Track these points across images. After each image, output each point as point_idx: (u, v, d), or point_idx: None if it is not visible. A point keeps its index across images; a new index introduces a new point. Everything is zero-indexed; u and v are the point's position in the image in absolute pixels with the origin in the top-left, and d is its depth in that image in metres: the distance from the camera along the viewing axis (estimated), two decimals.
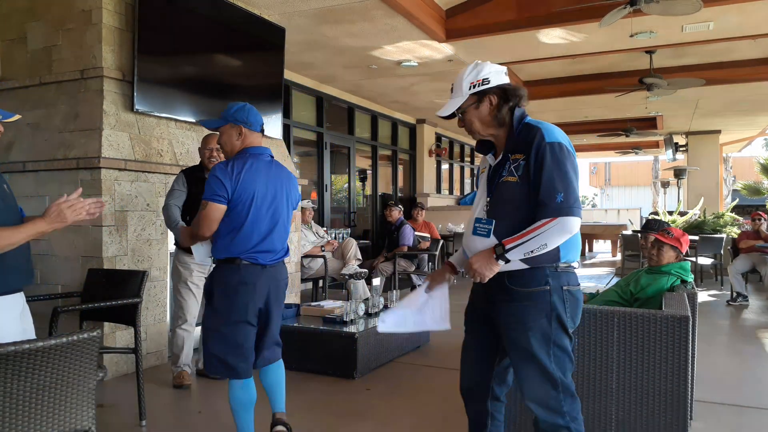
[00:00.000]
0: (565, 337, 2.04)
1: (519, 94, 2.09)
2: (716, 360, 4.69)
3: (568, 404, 2.05)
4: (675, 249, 3.56)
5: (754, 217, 7.65)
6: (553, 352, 2.02)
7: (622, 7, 4.93)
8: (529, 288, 2.01)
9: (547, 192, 1.93)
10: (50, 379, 1.76)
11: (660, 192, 19.37)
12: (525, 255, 1.96)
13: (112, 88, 4.32)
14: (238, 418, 2.73)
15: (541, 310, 2.01)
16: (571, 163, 1.97)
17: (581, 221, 1.97)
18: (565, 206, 1.91)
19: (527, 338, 2.02)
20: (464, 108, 2.12)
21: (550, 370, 2.02)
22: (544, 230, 1.92)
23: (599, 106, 10.83)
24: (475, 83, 2.07)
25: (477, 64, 2.11)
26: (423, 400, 3.70)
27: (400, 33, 6.29)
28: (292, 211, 2.95)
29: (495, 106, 2.08)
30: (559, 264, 2.03)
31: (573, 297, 2.05)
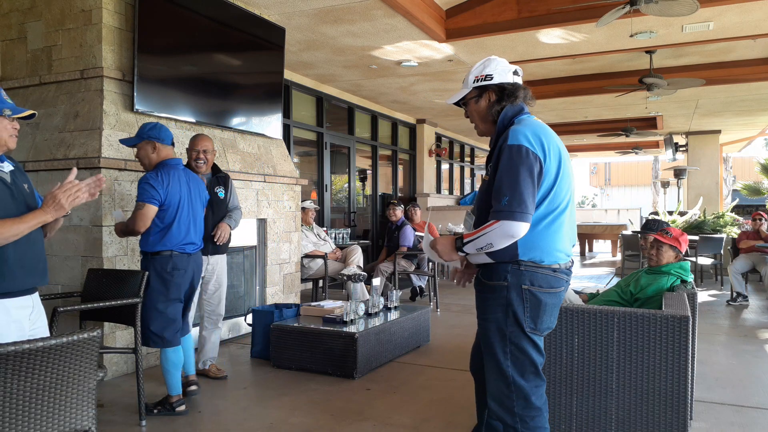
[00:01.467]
0: (523, 338, 2.06)
1: (516, 94, 2.13)
2: (716, 360, 4.70)
3: (520, 407, 2.06)
4: (674, 249, 3.56)
5: (754, 217, 7.65)
6: (510, 350, 2.06)
7: (621, 7, 4.93)
8: (491, 281, 2.09)
9: (496, 194, 1.99)
10: (50, 379, 1.76)
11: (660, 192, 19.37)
12: (477, 251, 2.04)
13: (112, 88, 4.32)
14: (170, 376, 3.38)
15: (498, 305, 2.07)
16: (528, 168, 1.97)
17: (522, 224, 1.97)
18: (508, 210, 1.95)
19: (487, 329, 2.11)
20: (467, 100, 2.20)
21: (504, 366, 2.07)
22: (488, 231, 1.99)
23: (599, 106, 10.83)
24: (479, 77, 2.15)
25: (488, 60, 2.16)
26: (423, 400, 3.70)
27: (400, 33, 6.29)
28: (204, 208, 3.67)
29: (491, 103, 2.14)
30: (523, 262, 2.05)
31: (535, 298, 2.05)
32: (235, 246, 5.22)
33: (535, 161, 1.99)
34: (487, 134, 2.22)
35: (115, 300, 3.19)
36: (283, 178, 5.78)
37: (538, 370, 2.09)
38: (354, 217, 9.80)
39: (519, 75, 2.19)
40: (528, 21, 6.09)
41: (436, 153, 12.29)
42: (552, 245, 2.07)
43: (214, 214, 4.04)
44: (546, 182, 2.04)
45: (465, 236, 2.06)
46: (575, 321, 2.67)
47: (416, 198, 11.41)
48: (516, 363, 2.06)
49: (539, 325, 2.07)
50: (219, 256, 4.10)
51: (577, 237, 14.95)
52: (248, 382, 4.11)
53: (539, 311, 2.06)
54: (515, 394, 2.06)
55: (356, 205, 10.03)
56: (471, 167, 15.10)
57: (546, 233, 2.06)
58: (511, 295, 2.04)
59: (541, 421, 2.09)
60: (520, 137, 2.01)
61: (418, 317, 4.93)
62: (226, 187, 4.15)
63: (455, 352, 4.85)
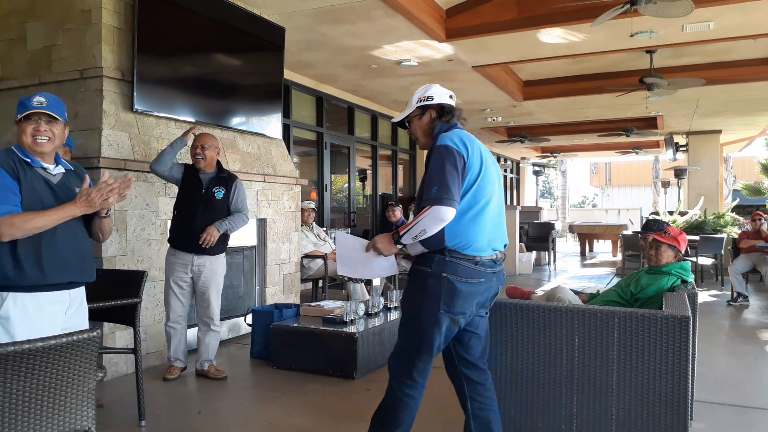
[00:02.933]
0: (432, 319, 2.33)
1: (453, 113, 2.47)
2: (716, 360, 4.69)
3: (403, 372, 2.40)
4: (673, 248, 3.55)
5: (754, 217, 7.65)
6: (411, 328, 2.38)
7: (620, 7, 4.93)
8: (420, 266, 2.37)
9: (427, 186, 2.28)
10: (50, 379, 1.76)
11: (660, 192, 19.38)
12: (413, 239, 2.30)
13: (111, 88, 4.32)
14: None
15: (421, 288, 2.36)
16: (452, 162, 2.27)
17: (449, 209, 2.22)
18: (437, 197, 2.22)
19: (404, 305, 2.44)
20: (411, 118, 2.52)
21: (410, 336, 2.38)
22: (422, 218, 2.23)
23: (599, 106, 10.82)
24: (422, 98, 2.49)
25: (429, 86, 2.54)
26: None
27: (400, 33, 6.28)
28: None
29: (432, 119, 2.48)
30: (448, 252, 2.31)
31: (452, 285, 2.30)
32: (235, 246, 5.22)
33: (458, 157, 2.29)
34: (427, 147, 2.50)
35: (115, 300, 3.18)
36: (283, 178, 5.78)
37: (432, 351, 2.37)
38: (354, 217, 9.80)
39: (453, 98, 2.55)
40: (528, 21, 6.08)
41: None
42: (474, 237, 2.33)
43: (205, 213, 3.96)
44: (469, 177, 2.32)
45: (400, 229, 2.32)
46: (575, 321, 2.66)
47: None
48: (408, 340, 2.39)
49: (452, 308, 2.32)
50: (207, 257, 4.02)
51: (578, 237, 15.03)
52: (248, 382, 4.11)
53: (454, 297, 2.31)
54: (405, 361, 2.39)
55: (356, 205, 10.02)
56: None
57: (470, 225, 2.32)
58: (432, 279, 2.31)
59: (415, 391, 2.42)
60: (446, 140, 2.33)
61: None
62: (227, 188, 4.07)
63: None
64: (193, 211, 3.97)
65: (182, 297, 4.08)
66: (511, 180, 19.19)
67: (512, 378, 2.79)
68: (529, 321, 2.74)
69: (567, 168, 26.32)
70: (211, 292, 4.07)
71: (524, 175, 20.99)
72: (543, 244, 11.76)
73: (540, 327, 2.72)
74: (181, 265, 4.03)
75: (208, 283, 4.05)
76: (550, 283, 9.55)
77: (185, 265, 4.02)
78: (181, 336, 4.13)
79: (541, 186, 30.05)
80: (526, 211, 14.06)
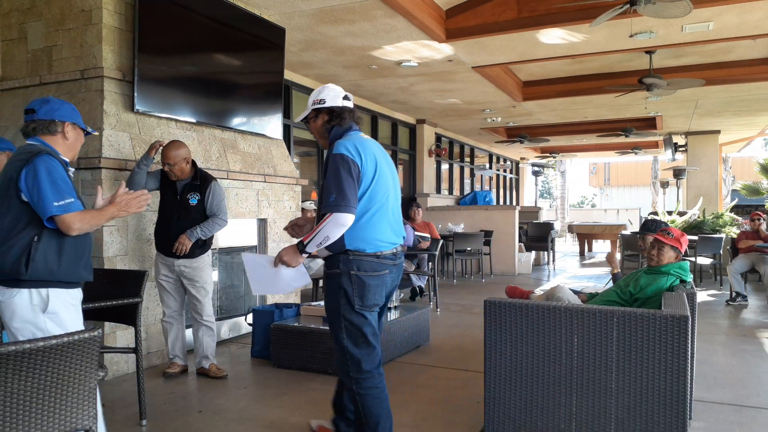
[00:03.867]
0: (354, 314, 2.52)
1: (343, 116, 2.62)
2: (715, 359, 4.70)
3: (354, 371, 2.54)
4: (675, 249, 3.57)
5: (753, 217, 7.65)
6: (344, 325, 2.53)
7: (619, 7, 4.94)
8: (330, 270, 2.56)
9: (326, 191, 2.43)
10: (51, 379, 1.76)
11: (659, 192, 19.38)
12: (317, 247, 2.45)
13: (112, 88, 4.32)
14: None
15: (335, 289, 2.54)
16: (347, 170, 2.44)
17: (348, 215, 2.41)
18: (335, 204, 2.39)
19: (329, 310, 2.59)
20: (308, 119, 2.68)
21: (340, 338, 2.54)
22: (324, 225, 2.41)
23: (599, 106, 10.83)
24: (316, 101, 2.65)
25: (324, 87, 2.68)
26: (423, 399, 3.71)
27: (400, 33, 6.29)
28: None
29: (324, 122, 2.63)
30: (350, 252, 2.51)
31: (360, 281, 2.52)
32: (236, 246, 5.23)
33: (353, 165, 2.45)
34: (326, 147, 2.67)
35: (115, 300, 3.19)
36: (283, 178, 5.78)
37: (368, 339, 2.54)
38: None
39: (349, 99, 2.68)
40: (528, 21, 6.09)
41: (435, 153, 12.29)
42: (373, 236, 2.53)
43: (180, 220, 3.97)
44: (364, 182, 2.50)
45: (304, 239, 2.47)
46: (575, 321, 2.67)
47: (416, 198, 11.41)
48: (349, 335, 2.53)
49: (365, 302, 2.53)
50: (187, 260, 4.04)
51: (577, 237, 15.04)
52: (248, 381, 4.11)
53: (365, 291, 2.52)
54: (350, 361, 2.53)
55: None
56: (471, 167, 15.10)
57: (367, 226, 2.51)
58: (343, 279, 2.51)
59: (372, 381, 2.55)
60: (341, 148, 2.49)
61: (418, 317, 4.94)
62: (201, 193, 4.02)
63: (455, 352, 4.85)
64: (169, 217, 4.03)
65: (174, 293, 4.13)
66: (510, 180, 19.21)
67: (512, 377, 2.80)
68: (528, 321, 2.75)
69: (566, 168, 26.33)
70: (198, 290, 4.10)
71: (523, 176, 21.01)
72: (542, 244, 11.77)
73: (539, 327, 2.73)
74: (165, 266, 4.10)
75: (193, 282, 4.09)
76: (550, 282, 9.56)
77: (168, 267, 4.08)
78: (177, 331, 4.16)
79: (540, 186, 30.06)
80: (526, 212, 14.07)
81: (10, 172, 2.31)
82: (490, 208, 11.14)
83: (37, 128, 2.42)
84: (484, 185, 16.32)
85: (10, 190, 2.29)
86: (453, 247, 9.28)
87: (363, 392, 2.54)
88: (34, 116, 2.43)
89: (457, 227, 10.05)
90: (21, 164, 2.29)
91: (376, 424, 2.56)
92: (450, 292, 8.17)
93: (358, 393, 2.54)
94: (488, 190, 15.06)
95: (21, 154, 2.36)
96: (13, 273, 2.23)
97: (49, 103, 2.46)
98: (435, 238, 7.74)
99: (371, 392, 2.55)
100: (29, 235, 2.26)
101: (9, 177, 2.30)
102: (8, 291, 2.26)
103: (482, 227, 10.37)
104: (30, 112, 2.44)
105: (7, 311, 2.27)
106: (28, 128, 2.44)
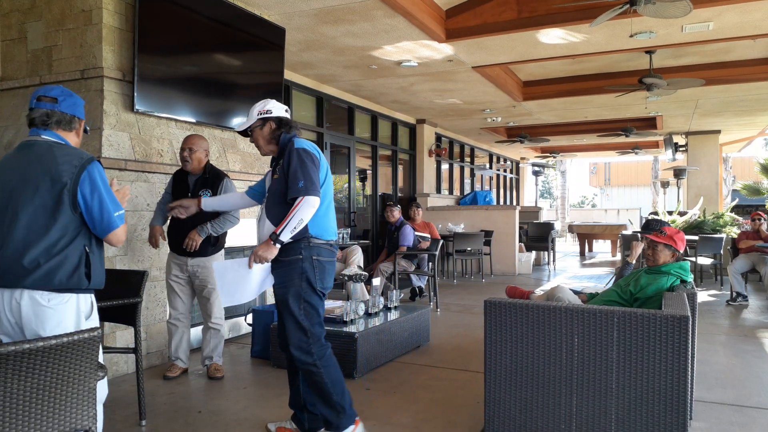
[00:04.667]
0: (314, 296, 2.82)
1: (291, 124, 2.94)
2: (716, 360, 4.70)
3: (315, 348, 2.80)
4: (670, 248, 3.56)
5: (753, 217, 7.65)
6: (304, 307, 2.78)
7: (619, 7, 4.94)
8: (289, 257, 2.77)
9: (293, 181, 2.73)
10: (50, 379, 1.76)
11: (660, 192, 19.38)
12: (292, 232, 2.70)
13: (112, 88, 4.32)
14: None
15: (296, 274, 2.78)
16: (311, 161, 2.77)
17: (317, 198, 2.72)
18: (305, 188, 2.69)
19: (285, 294, 2.79)
20: (253, 128, 2.95)
21: (301, 320, 2.78)
22: (297, 210, 2.67)
23: (599, 106, 10.82)
24: (263, 112, 2.93)
25: (267, 101, 2.98)
26: (423, 399, 3.71)
27: (400, 33, 6.29)
28: None
29: (273, 129, 2.93)
30: (311, 239, 2.80)
31: (321, 265, 2.82)
32: (236, 246, 5.22)
33: (314, 158, 2.81)
34: (268, 153, 2.99)
35: (114, 300, 3.18)
36: None
37: (321, 318, 2.86)
38: (354, 217, 9.80)
39: (288, 112, 2.99)
40: (528, 21, 6.08)
41: (436, 153, 12.28)
42: (329, 225, 2.88)
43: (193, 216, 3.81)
44: (321, 176, 2.83)
45: (276, 230, 2.69)
46: (575, 321, 2.67)
47: (416, 198, 11.41)
48: (308, 316, 2.79)
49: (325, 284, 2.85)
50: (200, 258, 4.04)
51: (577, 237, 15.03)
52: (248, 381, 4.11)
53: (324, 274, 2.84)
54: (311, 339, 2.79)
55: (356, 205, 10.02)
56: (471, 167, 15.09)
57: (323, 216, 2.84)
58: (305, 264, 2.77)
59: (328, 351, 2.86)
60: (303, 144, 2.85)
61: (418, 317, 4.94)
62: (213, 189, 4.00)
63: (455, 352, 4.85)
64: None
65: (182, 294, 4.13)
66: (510, 180, 19.20)
67: (512, 377, 2.79)
68: (528, 321, 2.75)
69: (566, 168, 26.33)
70: (210, 292, 4.09)
71: (524, 176, 21.00)
72: (542, 244, 11.77)
73: (540, 327, 2.73)
74: (177, 266, 4.10)
75: (205, 283, 4.08)
76: (550, 282, 9.56)
77: (181, 266, 4.09)
78: (182, 334, 4.14)
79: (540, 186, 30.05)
80: (526, 211, 14.07)
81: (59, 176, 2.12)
82: (490, 208, 11.14)
83: (57, 121, 2.23)
84: (485, 185, 16.32)
85: (63, 197, 2.12)
86: (453, 247, 9.27)
87: (326, 364, 2.81)
88: (55, 106, 2.22)
89: (457, 227, 10.04)
90: (74, 171, 2.12)
91: (342, 390, 2.85)
92: (450, 293, 8.17)
93: (323, 366, 2.80)
94: (488, 190, 15.06)
95: (65, 156, 2.16)
96: (72, 285, 2.13)
97: (73, 96, 2.29)
98: (435, 238, 7.74)
99: (330, 361, 2.84)
100: (81, 245, 2.16)
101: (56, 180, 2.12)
102: (59, 296, 2.13)
103: (482, 227, 10.37)
104: (50, 100, 2.23)
105: (53, 318, 2.12)
106: (49, 119, 2.22)
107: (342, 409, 2.86)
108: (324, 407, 2.85)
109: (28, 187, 2.12)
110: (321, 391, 2.82)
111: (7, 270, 2.08)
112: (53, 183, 2.12)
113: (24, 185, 2.13)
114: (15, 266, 2.07)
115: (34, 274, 2.07)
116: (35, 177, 2.13)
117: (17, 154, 2.24)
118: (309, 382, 2.85)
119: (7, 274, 2.08)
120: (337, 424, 2.86)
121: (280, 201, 2.80)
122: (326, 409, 2.85)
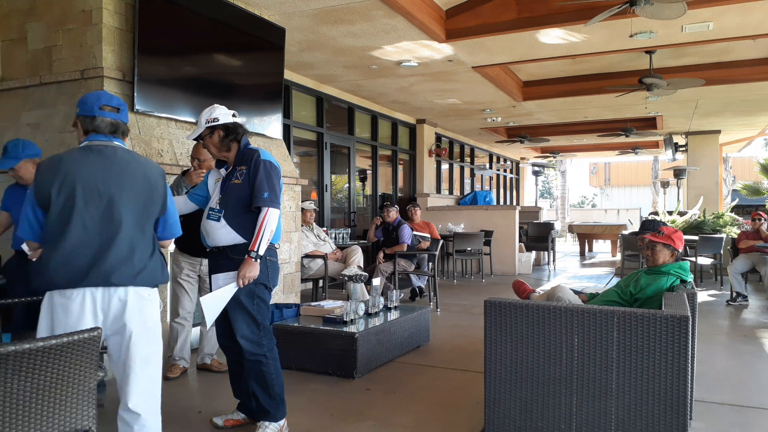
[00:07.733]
0: (266, 292, 3.01)
1: (237, 130, 3.01)
2: (716, 359, 4.70)
3: (266, 340, 3.01)
4: (668, 247, 3.55)
5: (754, 217, 7.65)
6: (257, 303, 2.96)
7: (617, 7, 4.94)
8: (243, 256, 2.88)
9: (260, 190, 2.89)
10: (50, 379, 1.76)
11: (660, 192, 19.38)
12: (266, 244, 2.87)
13: (112, 88, 4.32)
14: None
15: None
16: (276, 174, 2.96)
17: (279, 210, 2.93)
18: (270, 200, 2.88)
19: (238, 292, 2.91)
20: (203, 136, 3.01)
21: (254, 314, 2.96)
22: (265, 223, 2.85)
23: (599, 106, 10.83)
24: (210, 120, 2.98)
25: (214, 108, 3.02)
26: (423, 400, 3.71)
27: (400, 33, 6.29)
28: None
29: (222, 137, 2.99)
30: None
31: (274, 264, 3.03)
32: None
33: (278, 173, 2.99)
34: (220, 158, 3.06)
35: None
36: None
37: (270, 315, 3.06)
38: (354, 218, 9.80)
39: (237, 116, 3.04)
40: (528, 21, 6.09)
41: (436, 153, 12.29)
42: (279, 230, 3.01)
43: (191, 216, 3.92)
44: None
45: (251, 247, 2.85)
46: (575, 321, 2.67)
47: (416, 198, 11.41)
48: (259, 311, 2.97)
49: (274, 282, 3.04)
50: None
51: (578, 237, 15.03)
52: None
53: (276, 273, 3.05)
54: (263, 332, 2.99)
55: (356, 205, 10.02)
56: (471, 167, 15.10)
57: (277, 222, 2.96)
58: (261, 265, 2.90)
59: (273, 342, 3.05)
60: (269, 157, 3.00)
61: (418, 317, 4.94)
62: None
63: (455, 352, 4.85)
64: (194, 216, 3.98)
65: (192, 294, 4.16)
66: (510, 180, 19.20)
67: (512, 378, 2.80)
68: (529, 321, 2.75)
69: (566, 168, 26.32)
70: None
71: (524, 176, 21.00)
72: (542, 244, 11.77)
73: (540, 327, 2.73)
74: (190, 265, 4.12)
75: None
76: (550, 282, 9.56)
77: (193, 265, 4.12)
78: (187, 334, 4.18)
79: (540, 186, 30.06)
80: (526, 211, 14.07)
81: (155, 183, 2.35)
82: (490, 208, 11.14)
83: (123, 132, 2.38)
84: (484, 185, 16.33)
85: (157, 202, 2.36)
86: (453, 247, 9.27)
87: (274, 356, 3.03)
88: (118, 117, 2.35)
89: (457, 227, 10.04)
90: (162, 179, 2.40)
91: (282, 382, 3.06)
92: (450, 293, 8.17)
93: (272, 358, 3.01)
94: (488, 190, 15.06)
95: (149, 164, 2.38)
96: (163, 279, 2.37)
97: (126, 106, 2.42)
98: (435, 238, 7.74)
99: (276, 353, 3.05)
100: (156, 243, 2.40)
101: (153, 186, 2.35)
102: (154, 291, 2.35)
103: (482, 227, 10.37)
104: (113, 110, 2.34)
105: (151, 309, 2.32)
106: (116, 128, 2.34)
107: (281, 401, 3.05)
108: (266, 398, 3.01)
109: (129, 192, 2.28)
110: (265, 381, 2.99)
111: (115, 270, 2.20)
112: (150, 189, 2.34)
113: (123, 190, 2.26)
114: (125, 266, 2.22)
115: (144, 273, 2.27)
116: (133, 182, 2.29)
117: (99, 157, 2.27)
118: (255, 372, 3.00)
119: (116, 274, 2.20)
120: (275, 414, 3.04)
121: (242, 208, 2.93)
122: (268, 399, 3.01)
